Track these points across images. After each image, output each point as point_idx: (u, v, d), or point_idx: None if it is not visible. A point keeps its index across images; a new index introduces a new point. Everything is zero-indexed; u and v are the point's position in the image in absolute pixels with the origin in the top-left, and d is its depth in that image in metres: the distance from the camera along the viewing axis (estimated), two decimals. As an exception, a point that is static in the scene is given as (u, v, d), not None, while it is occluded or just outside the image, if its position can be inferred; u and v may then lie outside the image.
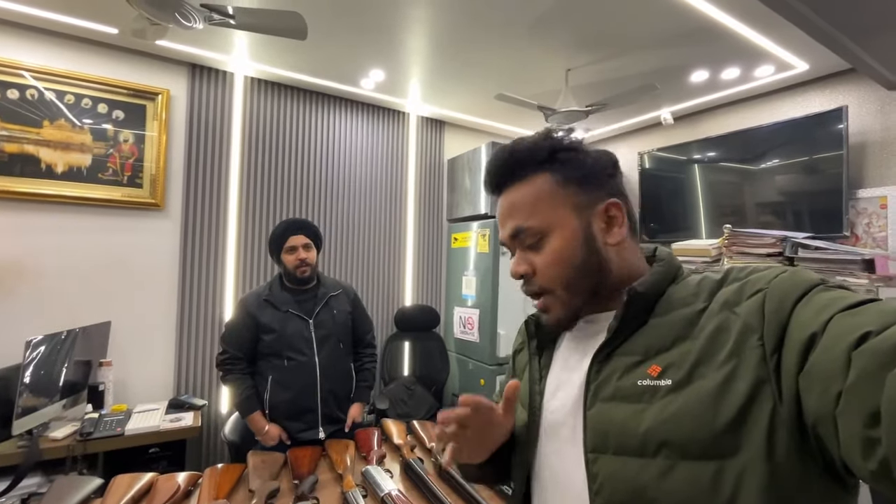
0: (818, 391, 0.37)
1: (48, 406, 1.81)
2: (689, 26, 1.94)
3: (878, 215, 2.18)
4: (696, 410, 0.44)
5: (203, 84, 2.46)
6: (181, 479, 1.26)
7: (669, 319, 0.51)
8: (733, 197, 2.68)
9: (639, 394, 0.48)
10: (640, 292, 0.52)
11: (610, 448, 0.48)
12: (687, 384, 0.45)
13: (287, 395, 1.68)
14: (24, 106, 2.06)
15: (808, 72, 2.33)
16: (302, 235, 1.74)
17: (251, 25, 1.55)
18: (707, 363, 0.45)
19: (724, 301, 0.48)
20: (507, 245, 0.61)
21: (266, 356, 1.71)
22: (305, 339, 1.71)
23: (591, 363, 0.54)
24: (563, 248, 0.56)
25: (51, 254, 2.12)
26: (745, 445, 0.41)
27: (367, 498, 1.20)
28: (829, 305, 0.40)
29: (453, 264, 3.18)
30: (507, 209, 0.59)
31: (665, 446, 0.44)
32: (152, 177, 2.31)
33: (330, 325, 1.77)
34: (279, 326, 1.69)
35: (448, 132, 3.34)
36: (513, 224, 0.58)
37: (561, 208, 0.57)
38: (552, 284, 0.56)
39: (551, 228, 0.56)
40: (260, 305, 1.72)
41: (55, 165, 2.12)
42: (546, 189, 0.57)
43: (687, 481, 0.43)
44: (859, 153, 2.24)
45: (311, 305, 1.76)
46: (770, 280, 0.46)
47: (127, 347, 2.25)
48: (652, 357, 0.49)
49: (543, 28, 2.01)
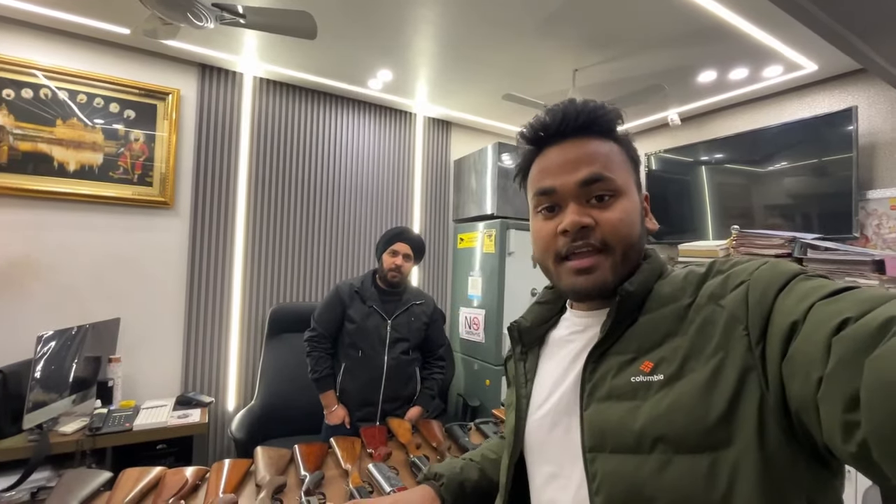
0: (800, 378, 0.38)
1: (58, 401, 1.83)
2: (698, 26, 1.94)
3: (888, 216, 2.16)
4: (688, 404, 0.44)
5: (213, 84, 2.49)
6: (189, 473, 1.27)
7: (659, 315, 0.51)
8: (741, 199, 2.66)
9: (633, 390, 0.49)
10: (631, 291, 0.53)
11: (607, 447, 0.49)
12: (678, 378, 0.46)
13: (354, 385, 1.80)
14: (37, 105, 2.09)
15: (817, 72, 2.32)
16: (408, 246, 1.85)
17: (261, 25, 1.56)
18: (697, 356, 0.46)
19: (709, 294, 0.49)
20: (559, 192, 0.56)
21: (344, 345, 1.83)
22: (380, 337, 1.81)
23: (586, 363, 0.54)
24: (632, 212, 0.56)
25: (62, 251, 2.15)
26: (737, 436, 0.42)
27: (373, 494, 1.20)
28: (810, 294, 0.41)
29: (459, 265, 3.18)
30: (582, 156, 0.56)
31: (660, 441, 0.45)
32: (162, 175, 2.34)
33: (405, 329, 1.85)
34: (360, 318, 1.81)
35: (454, 133, 3.35)
36: (593, 169, 0.55)
37: (629, 178, 0.58)
38: (617, 242, 0.54)
39: (626, 190, 0.56)
40: (351, 295, 1.84)
41: (67, 164, 2.15)
42: (620, 156, 0.58)
43: (683, 475, 0.43)
44: (869, 154, 2.23)
45: (393, 307, 1.86)
46: (752, 271, 0.47)
47: (136, 344, 2.27)
48: (644, 354, 0.50)
49: (551, 28, 2.02)
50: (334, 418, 1.76)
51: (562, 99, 2.19)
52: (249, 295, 2.57)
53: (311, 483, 1.23)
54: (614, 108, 0.59)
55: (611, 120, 0.58)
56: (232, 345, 2.51)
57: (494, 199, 2.86)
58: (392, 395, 1.81)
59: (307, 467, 1.34)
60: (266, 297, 2.60)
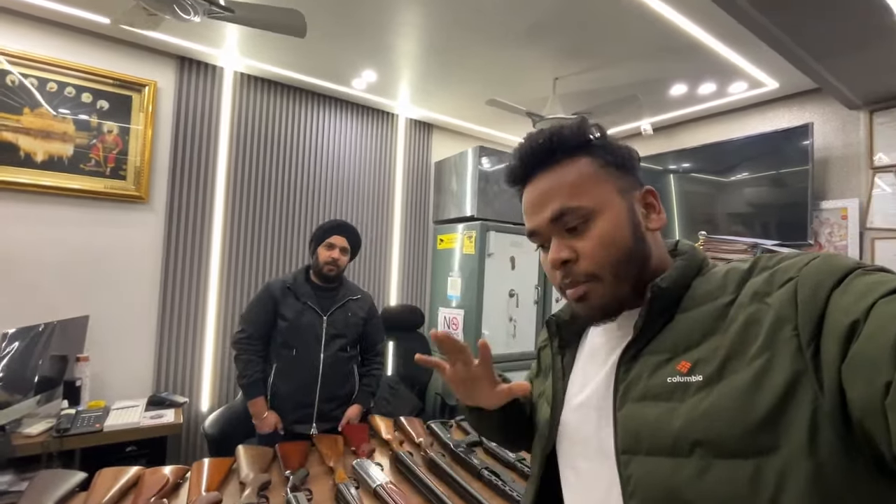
0: (864, 382, 0.35)
1: (22, 402, 1.75)
2: (672, 42, 2.05)
3: (839, 225, 2.33)
4: (729, 407, 0.42)
5: (191, 77, 2.43)
6: (169, 472, 1.25)
7: (697, 314, 0.49)
8: (706, 206, 2.81)
9: (670, 391, 0.46)
10: (664, 287, 0.51)
11: (643, 449, 0.47)
12: (718, 380, 0.43)
13: (287, 387, 1.72)
14: (3, 92, 2.00)
15: (778, 90, 2.49)
16: (344, 239, 1.81)
17: (250, 21, 1.56)
18: (739, 357, 0.43)
19: (753, 292, 0.46)
20: (539, 233, 0.57)
21: (276, 344, 1.75)
22: (315, 334, 1.75)
23: (619, 363, 0.52)
24: (612, 230, 0.53)
25: (28, 245, 2.06)
26: (784, 441, 0.39)
27: (359, 490, 1.22)
28: (870, 291, 0.38)
29: (439, 265, 3.21)
30: (547, 192, 0.55)
31: (699, 445, 0.42)
32: (137, 169, 2.27)
33: (342, 325, 1.80)
34: (294, 316, 1.74)
35: (436, 135, 3.39)
36: (556, 205, 0.54)
37: (606, 190, 0.54)
38: (600, 269, 0.53)
39: (599, 210, 0.53)
40: (283, 291, 1.77)
41: (35, 154, 2.06)
42: (589, 170, 0.55)
43: (724, 481, 0.41)
44: (823, 167, 2.40)
45: (328, 303, 1.80)
46: (801, 267, 0.44)
47: (105, 342, 2.19)
48: (680, 353, 0.48)
49: (533, 37, 2.08)
50: (265, 426, 1.66)
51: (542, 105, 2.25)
52: (226, 293, 2.52)
53: (297, 480, 1.24)
54: (577, 119, 0.58)
55: (574, 136, 0.56)
56: (207, 344, 2.46)
57: (475, 201, 2.91)
58: (328, 395, 1.75)
59: (290, 465, 1.34)
60: (243, 295, 2.56)
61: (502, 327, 2.89)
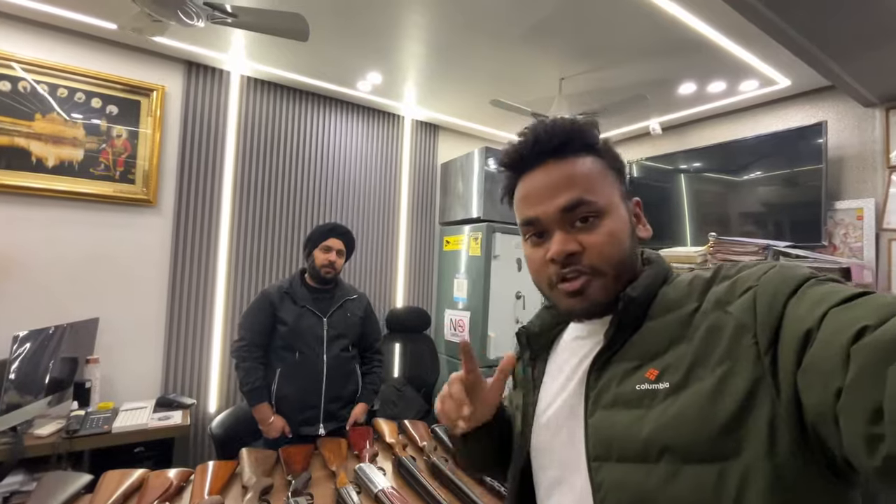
0: (818, 388, 0.36)
1: (33, 403, 1.78)
2: (679, 40, 2.01)
3: (854, 226, 2.27)
4: (695, 413, 0.43)
5: (199, 82, 2.46)
6: (173, 475, 1.25)
7: (664, 322, 0.50)
8: (717, 206, 2.76)
9: (638, 398, 0.47)
10: (634, 297, 0.52)
11: (613, 455, 0.47)
12: (684, 387, 0.45)
13: (292, 389, 1.72)
14: (15, 98, 2.04)
15: (790, 87, 2.43)
16: (341, 241, 1.82)
17: (253, 25, 1.56)
18: (703, 364, 0.45)
19: (715, 300, 0.48)
20: (541, 221, 0.55)
21: (278, 348, 1.76)
22: (317, 336, 1.77)
23: (590, 371, 0.53)
24: (619, 231, 0.54)
25: (39, 248, 2.09)
26: (746, 446, 0.40)
27: (361, 494, 1.21)
28: (823, 300, 0.39)
29: (445, 267, 3.21)
30: (560, 180, 0.54)
31: (667, 451, 0.44)
32: (145, 173, 2.30)
33: (342, 326, 1.82)
34: (293, 320, 1.75)
35: (442, 136, 3.38)
36: (573, 194, 0.53)
37: (613, 192, 0.55)
38: (605, 265, 0.53)
39: (608, 209, 0.54)
40: (280, 296, 1.78)
41: (46, 159, 2.10)
42: (600, 170, 0.56)
43: (691, 486, 0.42)
44: (837, 167, 2.34)
45: (326, 305, 1.82)
46: (759, 277, 0.46)
47: (115, 345, 2.22)
48: (649, 361, 0.49)
49: (539, 37, 2.06)
50: (273, 431, 1.67)
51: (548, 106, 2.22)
52: (233, 295, 2.54)
53: (299, 484, 1.24)
54: (589, 119, 0.58)
55: (587, 134, 0.56)
56: (214, 345, 2.48)
57: (481, 202, 2.89)
58: (334, 395, 1.76)
59: (293, 469, 1.34)
60: (250, 297, 2.57)
61: (508, 329, 2.87)
